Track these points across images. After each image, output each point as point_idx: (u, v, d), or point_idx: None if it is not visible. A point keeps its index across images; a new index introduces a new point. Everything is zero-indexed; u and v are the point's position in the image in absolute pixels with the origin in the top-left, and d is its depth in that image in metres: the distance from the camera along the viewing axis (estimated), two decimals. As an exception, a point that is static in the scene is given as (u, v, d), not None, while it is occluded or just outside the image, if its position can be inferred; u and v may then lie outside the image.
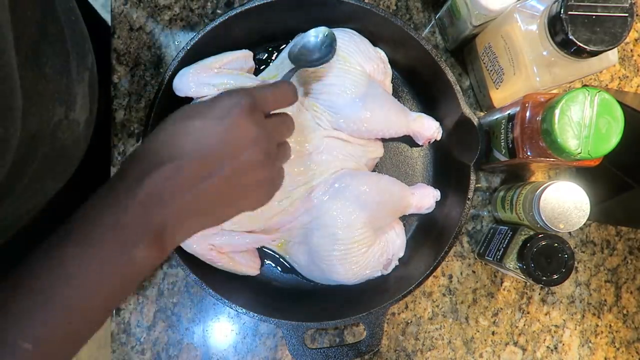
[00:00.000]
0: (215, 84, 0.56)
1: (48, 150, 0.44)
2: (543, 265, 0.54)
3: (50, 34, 0.42)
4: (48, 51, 0.42)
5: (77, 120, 0.48)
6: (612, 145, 0.48)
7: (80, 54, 0.49)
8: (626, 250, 0.67)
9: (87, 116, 0.51)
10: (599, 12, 0.47)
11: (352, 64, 0.56)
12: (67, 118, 0.46)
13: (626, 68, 0.67)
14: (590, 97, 0.48)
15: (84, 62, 0.50)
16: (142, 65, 0.64)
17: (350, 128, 0.57)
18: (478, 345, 0.65)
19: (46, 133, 0.43)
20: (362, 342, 0.56)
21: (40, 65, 0.41)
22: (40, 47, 0.41)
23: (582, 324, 0.66)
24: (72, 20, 0.48)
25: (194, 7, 0.65)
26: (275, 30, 0.61)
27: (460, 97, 0.57)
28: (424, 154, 0.65)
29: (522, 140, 0.52)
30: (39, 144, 0.42)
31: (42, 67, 0.41)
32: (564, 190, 0.53)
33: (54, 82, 0.43)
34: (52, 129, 0.43)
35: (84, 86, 0.49)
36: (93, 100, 0.52)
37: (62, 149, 0.47)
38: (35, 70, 0.40)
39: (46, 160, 0.45)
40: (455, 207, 0.59)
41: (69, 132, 0.47)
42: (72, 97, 0.46)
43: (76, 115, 0.48)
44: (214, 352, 0.63)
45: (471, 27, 0.57)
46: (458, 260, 0.65)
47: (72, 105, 0.47)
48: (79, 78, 0.48)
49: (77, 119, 0.48)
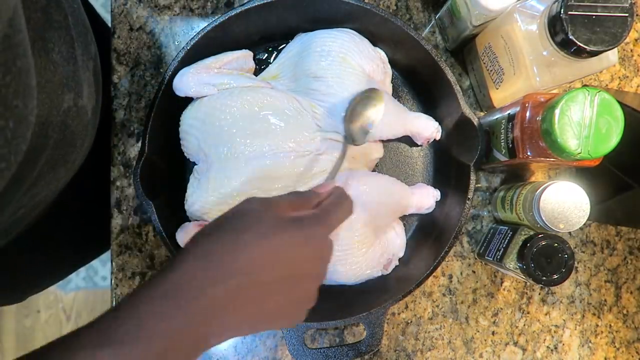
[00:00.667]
0: (215, 84, 0.56)
1: (59, 138, 0.44)
2: (543, 265, 0.54)
3: (55, 20, 0.43)
4: (54, 37, 0.42)
5: (85, 108, 0.49)
6: (612, 145, 0.48)
7: (84, 42, 0.49)
8: (626, 250, 0.67)
9: (93, 105, 0.51)
10: (599, 12, 0.46)
11: (351, 64, 0.56)
12: (76, 105, 0.46)
13: (626, 68, 0.67)
14: (590, 97, 0.48)
15: (88, 50, 0.50)
16: (142, 65, 0.64)
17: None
18: (478, 345, 0.65)
19: (57, 120, 0.43)
20: (362, 342, 0.56)
21: (47, 50, 0.41)
22: (46, 33, 0.41)
23: (582, 324, 0.66)
24: (75, 8, 0.48)
25: (194, 7, 0.65)
26: (275, 30, 0.61)
27: (460, 97, 0.57)
28: (424, 154, 0.65)
29: (522, 140, 0.52)
30: (50, 131, 0.42)
31: (50, 53, 0.41)
32: (564, 190, 0.53)
33: (61, 68, 0.43)
34: (62, 116, 0.44)
35: (90, 74, 0.50)
36: (98, 90, 0.53)
37: (72, 136, 0.47)
38: (43, 55, 0.40)
39: (57, 147, 0.45)
40: (455, 207, 0.59)
41: (78, 119, 0.47)
42: (79, 84, 0.47)
43: (84, 102, 0.48)
44: (214, 352, 0.63)
45: (471, 27, 0.57)
46: (458, 260, 0.65)
47: (80, 92, 0.47)
48: (84, 66, 0.48)
49: (85, 106, 0.48)
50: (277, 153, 0.55)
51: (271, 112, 0.55)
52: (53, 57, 0.42)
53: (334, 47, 0.57)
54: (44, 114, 0.40)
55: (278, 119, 0.55)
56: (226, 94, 0.55)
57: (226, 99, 0.55)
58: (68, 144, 0.47)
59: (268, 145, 0.55)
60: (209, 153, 0.55)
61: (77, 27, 0.47)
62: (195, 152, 0.57)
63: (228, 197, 0.54)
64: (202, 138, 0.56)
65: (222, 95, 0.55)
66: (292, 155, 0.55)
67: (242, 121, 0.55)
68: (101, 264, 1.53)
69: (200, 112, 0.56)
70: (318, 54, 0.57)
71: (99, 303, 1.53)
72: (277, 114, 0.55)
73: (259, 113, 0.55)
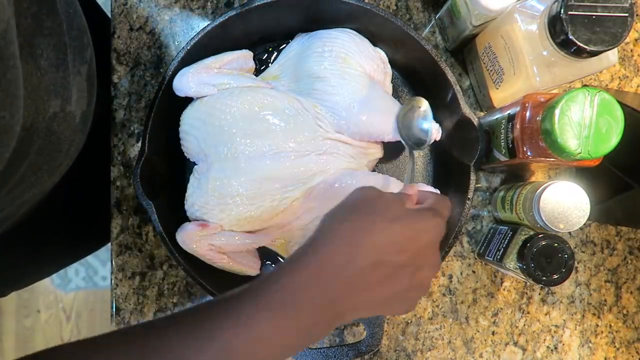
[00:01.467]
0: (215, 84, 0.56)
1: (43, 143, 0.44)
2: (543, 265, 0.54)
3: (46, 27, 0.42)
4: (43, 43, 0.42)
5: (73, 114, 0.48)
6: (612, 145, 0.48)
7: (78, 47, 0.49)
8: (626, 250, 0.67)
9: (83, 110, 0.51)
10: (599, 12, 0.46)
11: (352, 64, 0.57)
12: (64, 111, 0.46)
13: (626, 68, 0.67)
14: (590, 97, 0.48)
15: (82, 55, 0.50)
16: (142, 65, 0.64)
17: (352, 131, 0.57)
18: (478, 345, 0.65)
19: (41, 126, 0.43)
20: (362, 342, 0.56)
21: (35, 57, 0.41)
22: (35, 39, 0.41)
23: (582, 324, 0.66)
24: (71, 13, 0.48)
25: (194, 7, 0.65)
26: (275, 30, 0.61)
27: (460, 97, 0.57)
28: (424, 154, 0.65)
29: (522, 140, 0.52)
30: (34, 137, 0.42)
31: (37, 59, 0.41)
32: (564, 190, 0.53)
33: (49, 75, 0.43)
34: (47, 122, 0.44)
35: (81, 80, 0.49)
36: (91, 94, 0.52)
37: (58, 141, 0.47)
38: (30, 62, 0.40)
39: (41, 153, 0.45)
40: (455, 207, 0.59)
41: (65, 125, 0.47)
42: (68, 90, 0.46)
43: (72, 108, 0.48)
44: (214, 352, 0.63)
45: (471, 27, 0.57)
46: (458, 260, 0.65)
47: (68, 98, 0.47)
48: (75, 71, 0.48)
49: (73, 112, 0.48)
50: (277, 153, 0.55)
51: (271, 112, 0.55)
52: (40, 64, 0.41)
53: (335, 47, 0.57)
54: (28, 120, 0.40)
55: (278, 119, 0.55)
56: (226, 94, 0.55)
57: (226, 99, 0.55)
58: (53, 149, 0.47)
59: (268, 145, 0.55)
60: (209, 153, 0.55)
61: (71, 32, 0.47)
62: (195, 152, 0.57)
63: (228, 197, 0.54)
64: (202, 138, 0.56)
65: (222, 95, 0.55)
66: (292, 155, 0.55)
67: (242, 121, 0.55)
68: (101, 264, 1.53)
69: (201, 112, 0.56)
70: (319, 54, 0.57)
71: (98, 303, 1.53)
72: (277, 114, 0.55)
73: (259, 113, 0.55)
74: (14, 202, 0.48)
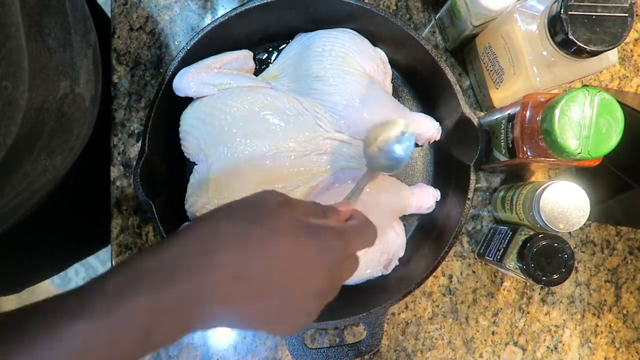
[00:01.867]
0: (215, 84, 0.56)
1: (55, 125, 0.44)
2: (543, 265, 0.54)
3: (51, 5, 0.42)
4: (50, 22, 0.42)
5: (83, 96, 0.48)
6: (612, 145, 0.48)
7: (82, 30, 0.49)
8: (626, 250, 0.67)
9: (92, 94, 0.51)
10: (599, 12, 0.46)
11: (352, 64, 0.57)
12: (73, 92, 0.46)
13: (626, 68, 0.67)
14: (590, 97, 0.48)
15: (87, 38, 0.50)
16: (142, 65, 0.64)
17: (352, 130, 0.57)
18: (478, 345, 0.65)
19: (52, 106, 0.43)
20: (362, 342, 0.56)
21: (43, 36, 0.41)
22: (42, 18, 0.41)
23: (582, 324, 0.66)
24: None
25: (194, 7, 0.65)
26: (275, 30, 0.61)
27: (460, 97, 0.57)
28: (424, 154, 0.65)
29: (522, 140, 0.52)
30: (45, 118, 0.42)
31: (45, 39, 0.41)
32: (564, 190, 0.53)
33: (57, 55, 0.43)
34: (58, 103, 0.44)
35: (88, 62, 0.50)
36: (97, 79, 0.53)
37: (69, 123, 0.47)
38: (38, 41, 0.40)
39: (54, 134, 0.45)
40: (455, 207, 0.59)
41: (75, 106, 0.47)
42: (76, 71, 0.46)
43: (81, 90, 0.48)
44: (214, 352, 0.63)
45: (471, 27, 0.57)
46: (458, 260, 0.65)
47: (77, 80, 0.47)
48: (82, 54, 0.48)
49: (82, 93, 0.48)
50: (277, 153, 0.55)
51: (271, 112, 0.55)
52: (49, 43, 0.41)
53: (335, 47, 0.57)
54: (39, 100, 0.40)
55: (278, 119, 0.55)
56: (226, 94, 0.55)
57: (226, 99, 0.55)
58: (65, 131, 0.47)
59: (268, 145, 0.55)
60: (209, 153, 0.55)
61: (75, 13, 0.47)
62: (196, 152, 0.57)
63: (228, 197, 0.54)
64: (202, 138, 0.56)
65: (222, 95, 0.55)
66: (292, 155, 0.55)
67: (242, 121, 0.55)
68: (101, 264, 1.53)
69: (201, 112, 0.56)
70: (319, 54, 0.57)
71: (98, 303, 1.53)
72: (277, 114, 0.55)
73: (259, 113, 0.55)
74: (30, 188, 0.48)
